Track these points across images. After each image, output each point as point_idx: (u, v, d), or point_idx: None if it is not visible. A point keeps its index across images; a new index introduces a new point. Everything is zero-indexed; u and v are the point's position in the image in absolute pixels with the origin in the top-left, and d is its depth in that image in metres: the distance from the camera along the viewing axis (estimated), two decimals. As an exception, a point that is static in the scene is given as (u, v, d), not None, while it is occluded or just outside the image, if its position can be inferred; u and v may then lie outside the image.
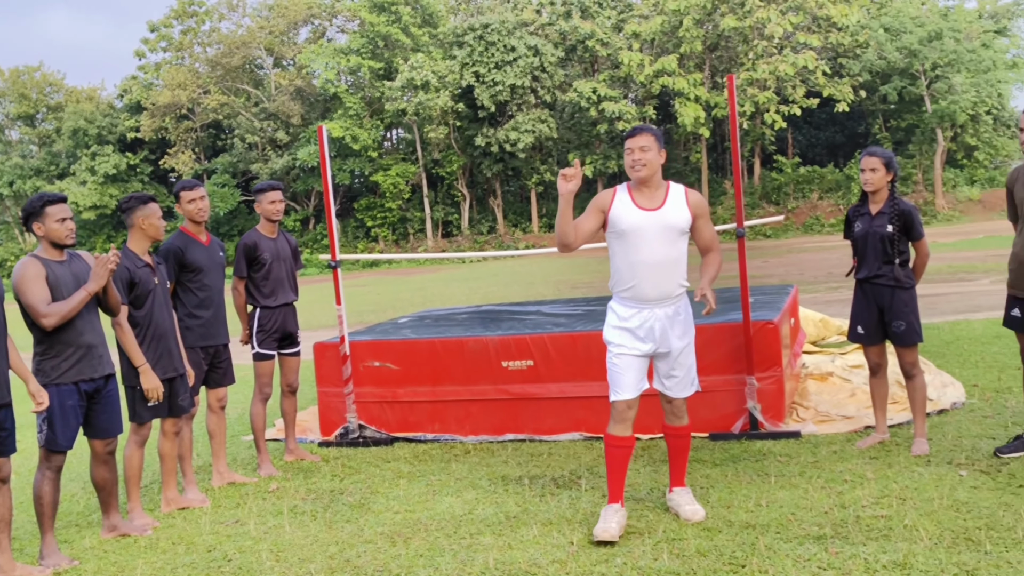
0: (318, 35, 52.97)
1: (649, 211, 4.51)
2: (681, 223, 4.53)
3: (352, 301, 21.43)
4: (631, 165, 4.53)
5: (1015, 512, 4.32)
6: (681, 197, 4.59)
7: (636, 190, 4.59)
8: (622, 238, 4.52)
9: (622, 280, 4.56)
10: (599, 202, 4.62)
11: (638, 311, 4.53)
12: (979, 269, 17.02)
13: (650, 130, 4.56)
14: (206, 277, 5.90)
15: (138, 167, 52.34)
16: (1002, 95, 39.47)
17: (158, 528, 5.26)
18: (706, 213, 4.64)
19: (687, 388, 4.72)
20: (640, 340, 4.54)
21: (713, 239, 4.66)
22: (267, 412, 6.58)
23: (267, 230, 6.47)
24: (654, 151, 4.52)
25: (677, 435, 4.81)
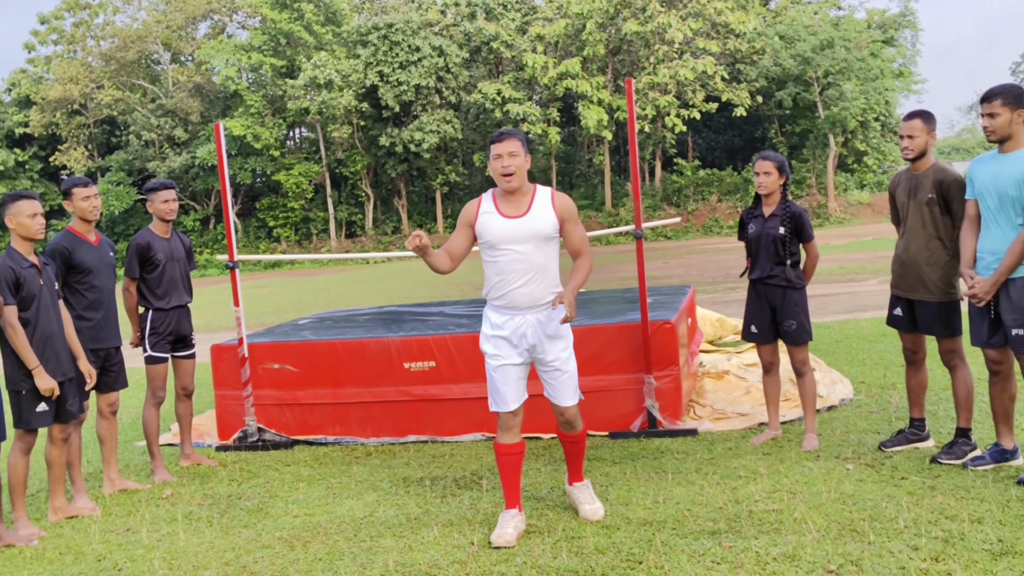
0: (218, 31, 51.84)
1: (514, 219, 4.43)
2: (548, 229, 4.43)
3: (253, 303, 21.05)
4: (501, 172, 4.42)
5: (897, 503, 4.50)
6: (547, 201, 4.48)
7: (501, 198, 4.51)
8: (491, 248, 4.46)
9: (494, 288, 4.49)
10: (465, 217, 4.55)
11: (510, 318, 4.47)
12: (868, 270, 17.66)
13: (517, 134, 4.47)
14: (95, 278, 5.71)
15: (27, 164, 50.40)
16: (889, 102, 41.06)
17: (45, 538, 5.08)
18: (574, 216, 4.53)
19: (569, 396, 4.59)
20: (514, 348, 4.47)
21: (582, 243, 4.53)
22: (161, 416, 6.41)
23: (160, 230, 6.31)
24: (521, 156, 4.44)
25: (571, 440, 4.75)
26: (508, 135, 4.46)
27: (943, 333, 5.25)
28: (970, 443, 5.18)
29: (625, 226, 15.81)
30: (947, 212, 5.19)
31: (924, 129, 5.22)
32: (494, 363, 4.51)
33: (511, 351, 4.48)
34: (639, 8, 40.15)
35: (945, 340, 5.26)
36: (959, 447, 5.16)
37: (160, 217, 6.29)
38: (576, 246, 4.53)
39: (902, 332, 5.50)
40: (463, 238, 4.54)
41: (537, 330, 4.45)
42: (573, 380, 4.59)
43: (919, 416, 5.52)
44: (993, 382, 5.01)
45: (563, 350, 4.53)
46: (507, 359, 4.48)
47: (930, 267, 5.22)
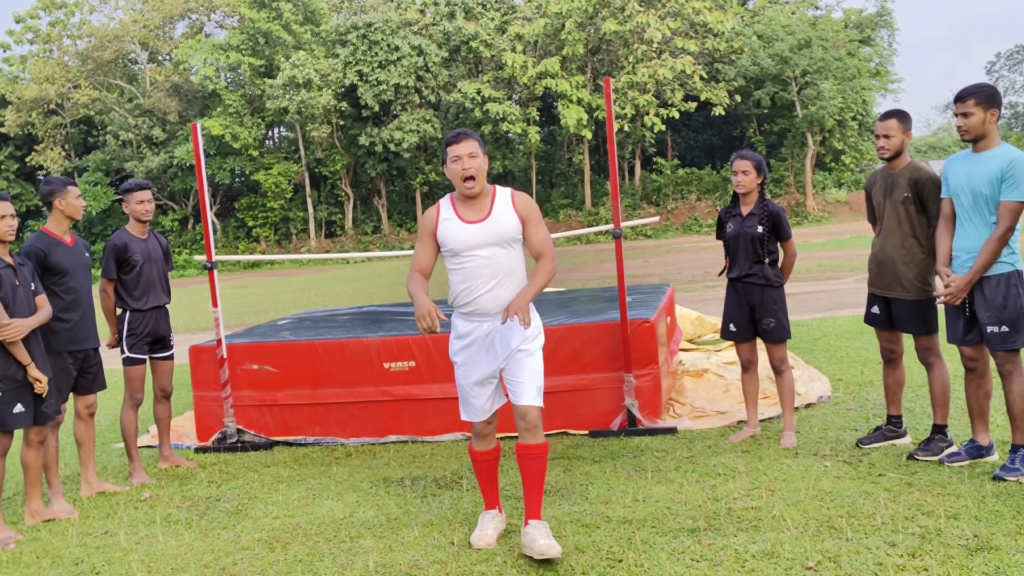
0: (196, 30, 51.55)
1: (476, 223, 4.24)
2: (511, 231, 4.25)
3: (232, 303, 20.95)
4: (461, 176, 4.21)
5: (874, 500, 4.53)
6: (507, 203, 4.29)
7: (461, 202, 4.32)
8: (455, 256, 4.27)
9: (460, 295, 4.29)
10: (426, 226, 4.36)
11: (478, 324, 4.29)
12: (846, 268, 17.77)
13: (473, 134, 4.28)
14: (72, 279, 5.67)
15: (3, 163, 49.93)
16: (866, 101, 41.37)
17: (21, 542, 5.03)
18: (536, 217, 4.31)
19: (529, 394, 4.22)
20: (484, 355, 4.30)
21: (544, 244, 4.29)
22: (140, 418, 6.37)
23: (137, 231, 6.27)
24: (481, 156, 4.25)
25: (530, 455, 4.25)
26: (465, 135, 4.26)
27: (919, 331, 5.29)
28: (946, 439, 5.23)
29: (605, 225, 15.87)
30: (923, 211, 5.23)
31: (900, 128, 5.27)
32: (464, 373, 4.36)
33: (481, 359, 4.32)
34: (618, 8, 40.25)
35: (922, 338, 5.31)
36: (936, 443, 5.21)
37: (136, 218, 6.25)
38: (537, 248, 4.31)
39: (879, 330, 5.55)
40: (428, 249, 4.35)
41: (505, 332, 4.27)
42: (537, 379, 4.27)
43: (896, 413, 5.57)
44: (969, 379, 5.06)
45: (529, 347, 4.27)
46: (477, 368, 4.32)
47: (906, 265, 5.26)
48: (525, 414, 4.25)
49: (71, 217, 5.75)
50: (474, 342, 4.31)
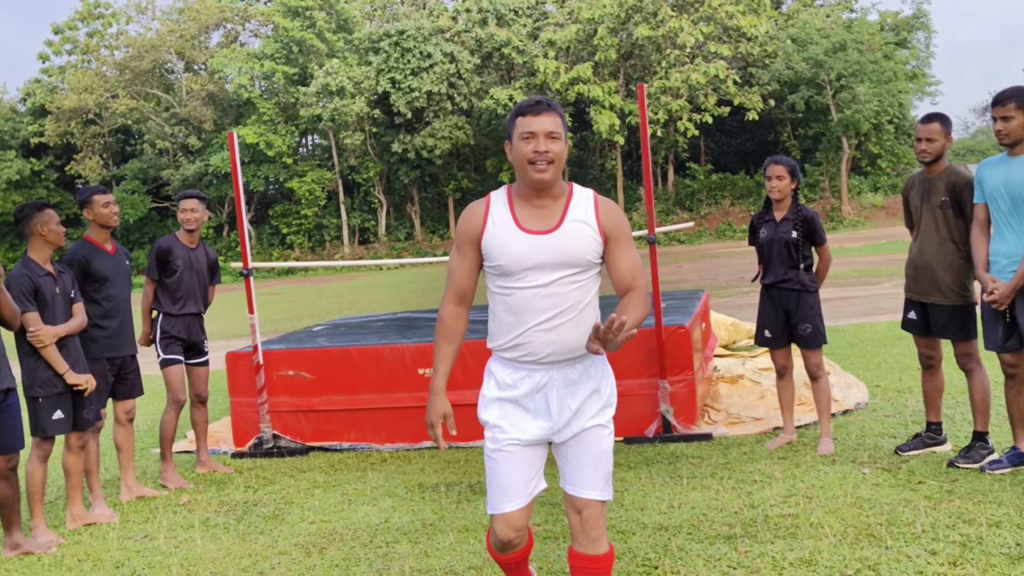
0: (231, 39, 52.13)
1: (540, 234, 3.04)
2: (589, 251, 3.05)
3: (267, 309, 21.13)
4: (531, 159, 2.99)
5: (914, 508, 4.48)
6: (589, 210, 3.09)
7: (522, 200, 3.11)
8: (503, 277, 3.08)
9: (504, 332, 3.13)
10: (467, 230, 3.14)
11: (528, 374, 3.11)
12: (882, 273, 17.59)
13: (556, 107, 3.07)
14: (111, 287, 5.75)
15: (43, 173, 50.74)
16: (903, 105, 40.94)
17: (63, 545, 5.11)
18: (626, 234, 3.11)
19: (595, 482, 3.12)
20: (530, 416, 3.13)
21: (635, 274, 3.09)
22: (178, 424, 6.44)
23: (185, 239, 6.37)
24: (563, 140, 3.05)
25: (590, 570, 3.17)
26: (546, 106, 3.04)
27: (958, 337, 5.23)
28: (987, 447, 5.16)
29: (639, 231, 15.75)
30: (960, 215, 5.17)
31: (942, 132, 5.21)
32: (498, 440, 3.14)
33: (524, 421, 3.14)
34: (650, 13, 40.16)
35: (960, 344, 5.24)
36: (976, 451, 5.14)
37: (183, 225, 6.36)
38: (626, 278, 3.09)
39: (917, 336, 5.49)
40: (469, 263, 3.16)
41: (562, 392, 3.11)
42: (606, 457, 3.15)
43: (936, 420, 5.50)
44: (1009, 385, 4.99)
45: (598, 421, 3.14)
46: (517, 434, 3.13)
47: (944, 270, 5.21)
48: (584, 509, 3.13)
49: (104, 225, 5.82)
50: (518, 396, 3.14)
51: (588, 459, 3.12)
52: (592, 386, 3.13)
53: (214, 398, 8.98)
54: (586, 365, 3.15)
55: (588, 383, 3.13)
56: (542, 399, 3.12)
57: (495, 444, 3.15)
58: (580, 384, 3.12)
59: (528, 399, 3.13)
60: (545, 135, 3.00)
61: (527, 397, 3.13)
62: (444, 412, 3.20)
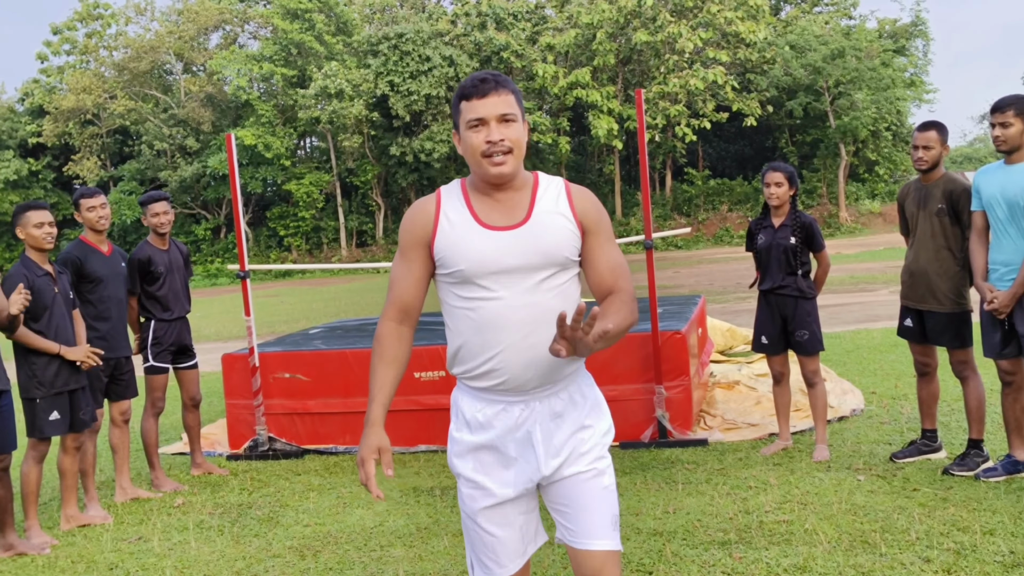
0: (229, 41, 52.10)
1: (505, 230, 2.49)
2: (565, 246, 2.50)
3: (264, 311, 21.10)
4: (484, 151, 2.44)
5: (909, 515, 4.48)
6: (561, 198, 2.55)
7: (479, 195, 2.55)
8: (463, 285, 2.51)
9: (470, 356, 2.53)
10: (414, 231, 2.57)
11: (504, 408, 2.53)
12: (879, 280, 17.60)
13: (507, 82, 2.49)
14: (105, 288, 5.75)
15: (40, 173, 50.66)
16: (900, 112, 40.95)
17: (57, 546, 5.10)
18: (605, 227, 2.58)
19: (602, 530, 2.54)
20: (510, 464, 2.55)
21: (617, 273, 2.55)
22: (172, 426, 6.43)
23: (158, 242, 6.33)
24: (519, 121, 2.49)
25: None
26: (493, 83, 2.46)
27: (953, 344, 5.24)
28: (982, 454, 5.16)
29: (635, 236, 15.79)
30: (957, 222, 5.19)
31: (939, 140, 5.23)
32: (477, 499, 2.58)
33: (507, 471, 2.56)
34: (649, 18, 40.18)
35: (956, 351, 5.25)
36: (971, 458, 5.14)
37: (154, 229, 6.31)
38: (607, 278, 2.54)
39: (913, 343, 5.49)
40: (416, 271, 2.59)
41: (549, 427, 2.53)
42: (610, 497, 2.58)
43: (931, 427, 5.51)
44: (1005, 393, 4.99)
45: (595, 457, 2.56)
46: (500, 489, 2.55)
47: (940, 277, 5.22)
48: (587, 560, 2.54)
49: (92, 228, 5.81)
50: (494, 441, 2.55)
51: (588, 501, 2.53)
52: (580, 419, 2.56)
53: (209, 400, 8.97)
54: (571, 392, 2.57)
55: (575, 415, 2.56)
56: (524, 438, 2.53)
57: (474, 504, 2.57)
58: (567, 417, 2.55)
59: (507, 441, 2.53)
60: (497, 119, 2.44)
61: (505, 438, 2.53)
62: (379, 446, 2.50)
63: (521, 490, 2.55)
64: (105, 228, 5.84)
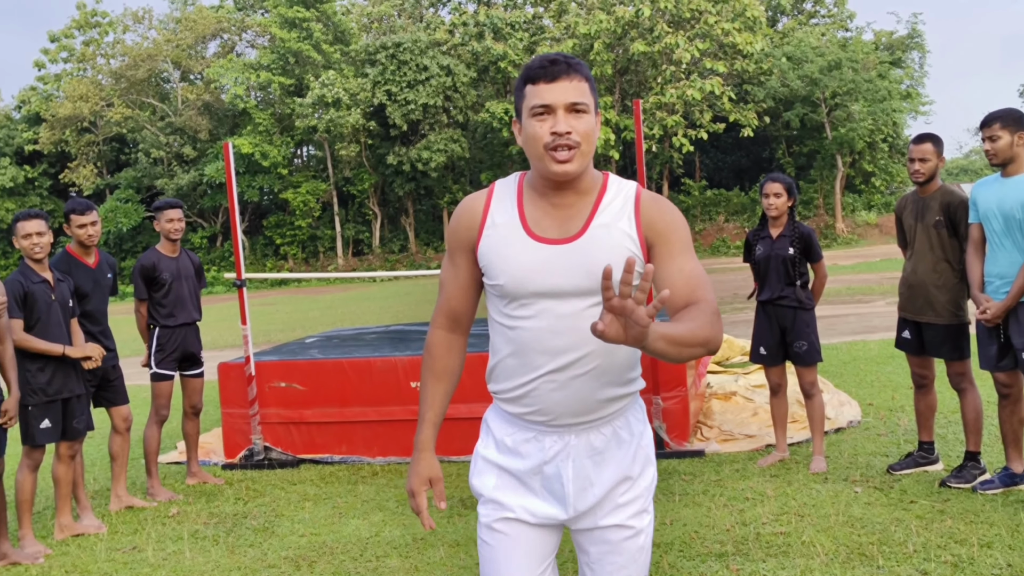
0: (227, 49, 52.15)
1: (555, 243, 2.19)
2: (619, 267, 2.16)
3: (260, 320, 21.07)
4: (549, 144, 2.13)
5: (906, 527, 4.47)
6: (626, 209, 2.22)
7: (536, 196, 2.25)
8: (506, 300, 2.25)
9: (506, 376, 2.29)
10: (459, 232, 2.32)
11: (535, 437, 2.28)
12: (876, 291, 17.62)
13: (582, 69, 2.18)
14: (90, 303, 5.72)
15: (37, 180, 50.63)
16: (897, 124, 41.08)
17: (51, 556, 5.07)
18: (680, 237, 2.24)
19: None
20: (535, 493, 2.30)
21: (691, 284, 2.15)
22: (167, 434, 6.41)
23: (167, 249, 6.33)
24: (592, 113, 2.17)
25: None
26: (565, 66, 2.14)
27: (951, 356, 5.24)
28: (979, 467, 5.16)
29: (632, 246, 15.65)
30: (954, 234, 5.19)
31: (935, 153, 5.25)
32: (494, 518, 2.32)
33: (528, 498, 2.30)
34: (646, 29, 40.31)
35: (954, 363, 5.25)
36: (968, 471, 5.14)
37: (166, 236, 6.32)
38: (680, 289, 2.15)
39: (910, 355, 5.49)
40: (466, 279, 2.35)
41: (586, 465, 2.26)
42: (643, 558, 2.34)
43: (928, 439, 5.50)
44: (1002, 405, 4.99)
45: (638, 509, 2.30)
46: (522, 511, 2.30)
47: (938, 289, 5.22)
48: None
49: (80, 243, 5.74)
50: (522, 467, 2.30)
51: (618, 558, 2.30)
52: (623, 463, 2.26)
53: (205, 409, 8.93)
54: (616, 427, 2.25)
55: (619, 455, 2.26)
56: (553, 473, 2.26)
57: (490, 522, 2.31)
58: (608, 456, 2.25)
59: (534, 476, 2.28)
60: (567, 108, 2.12)
61: (532, 473, 2.28)
62: (430, 476, 2.33)
63: (544, 520, 2.29)
64: (92, 244, 5.78)
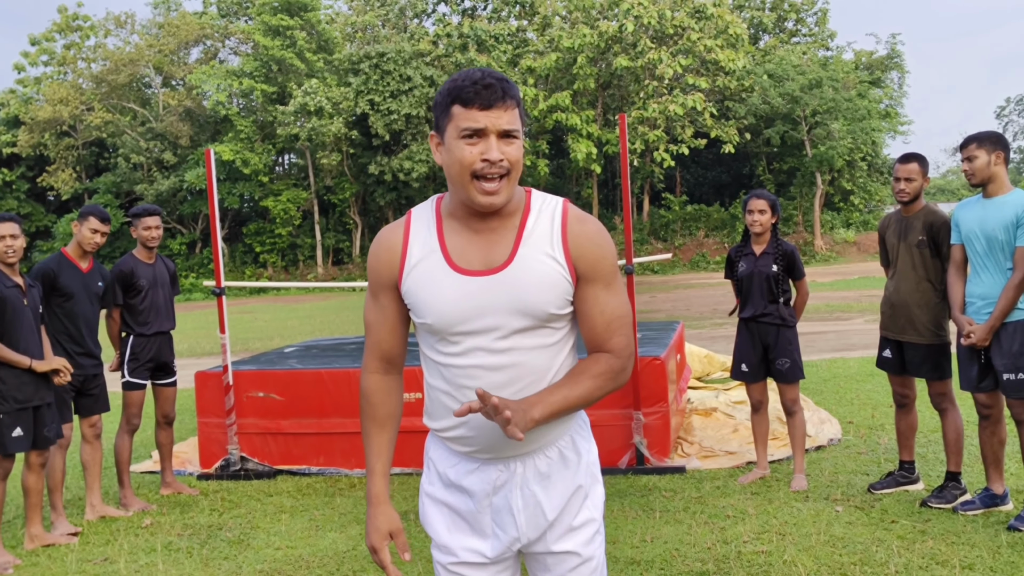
0: (210, 56, 51.95)
1: (480, 275, 2.07)
2: (551, 299, 2.07)
3: (238, 328, 20.91)
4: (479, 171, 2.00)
5: (887, 548, 4.45)
6: (553, 232, 2.09)
7: (456, 222, 2.13)
8: (435, 337, 2.15)
9: (442, 414, 2.22)
10: (379, 269, 2.18)
11: (479, 468, 2.19)
12: (854, 309, 17.68)
13: (515, 93, 2.03)
14: (76, 305, 5.67)
15: (14, 184, 50.16)
16: (876, 143, 41.45)
17: (20, 567, 4.97)
18: (604, 270, 2.11)
19: None
20: (484, 532, 2.21)
21: (609, 324, 2.13)
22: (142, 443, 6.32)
23: (144, 256, 6.25)
24: (521, 139, 2.05)
25: None
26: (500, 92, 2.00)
27: (933, 376, 5.24)
28: (960, 487, 5.15)
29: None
30: (937, 255, 5.20)
31: (920, 172, 5.27)
32: (447, 561, 2.25)
33: (479, 539, 2.22)
34: (630, 44, 40.49)
35: (935, 383, 5.25)
36: (949, 491, 5.13)
37: (143, 243, 6.24)
38: (596, 329, 2.13)
39: (891, 374, 5.49)
40: (393, 317, 2.22)
41: (536, 492, 2.18)
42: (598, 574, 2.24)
43: (909, 459, 5.49)
44: (983, 426, 4.99)
45: (588, 531, 2.22)
46: (472, 556, 2.22)
47: (920, 309, 5.22)
48: None
49: (80, 245, 5.76)
50: (469, 506, 2.22)
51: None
52: (572, 480, 2.19)
53: (181, 417, 8.83)
54: (561, 447, 2.18)
55: (566, 475, 2.18)
56: (502, 504, 2.17)
57: (446, 564, 2.24)
58: (555, 478, 2.18)
59: (481, 510, 2.18)
60: (499, 135, 1.99)
61: (481, 504, 2.18)
62: (390, 529, 2.17)
63: (499, 556, 2.21)
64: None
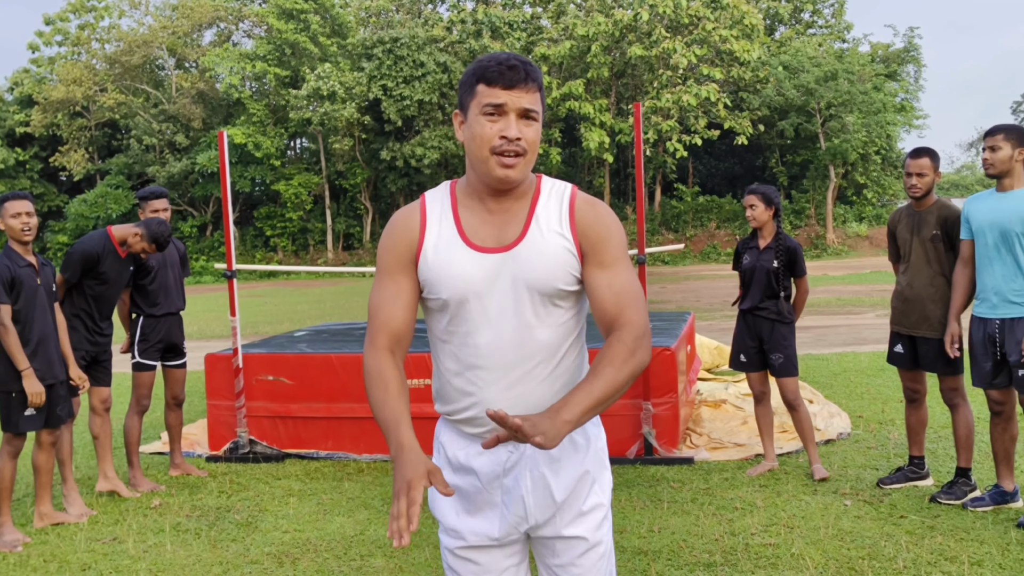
0: (223, 38, 51.93)
1: (493, 252, 2.14)
2: (558, 274, 2.12)
3: (248, 312, 20.97)
4: (498, 148, 2.06)
5: (896, 543, 4.44)
6: (561, 212, 2.16)
7: (472, 202, 2.20)
8: (446, 314, 2.18)
9: (453, 397, 2.23)
10: (397, 248, 2.20)
11: (486, 451, 2.19)
12: (866, 303, 17.62)
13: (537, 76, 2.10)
14: (108, 289, 5.77)
15: (27, 163, 50.33)
16: (890, 136, 41.21)
17: (29, 544, 5.00)
18: (614, 246, 2.15)
19: None
20: (494, 511, 2.22)
21: (620, 301, 2.10)
22: (152, 424, 6.34)
23: None
24: (540, 121, 2.12)
25: None
26: (523, 74, 2.07)
27: (945, 371, 5.21)
28: (970, 483, 5.13)
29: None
30: (951, 248, 5.17)
31: (932, 167, 5.22)
32: (456, 549, 2.26)
33: (488, 521, 2.23)
34: (644, 33, 40.32)
35: (947, 378, 5.22)
36: (959, 487, 5.11)
37: None
38: (607, 308, 2.11)
39: (903, 370, 5.46)
40: (407, 298, 2.19)
41: (545, 474, 2.18)
42: (603, 568, 2.25)
43: (918, 454, 5.47)
44: (995, 423, 4.97)
45: (596, 516, 2.23)
46: (480, 540, 2.24)
47: (935, 304, 5.19)
48: None
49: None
50: (479, 487, 2.22)
51: (583, 569, 2.22)
52: (580, 466, 2.20)
53: (191, 400, 8.86)
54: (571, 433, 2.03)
55: (576, 459, 2.20)
56: (512, 485, 2.18)
57: (453, 549, 2.25)
58: (565, 463, 2.18)
59: (491, 489, 2.20)
60: (519, 114, 2.07)
61: (490, 486, 2.19)
62: (428, 469, 1.92)
63: (507, 537, 2.22)
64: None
